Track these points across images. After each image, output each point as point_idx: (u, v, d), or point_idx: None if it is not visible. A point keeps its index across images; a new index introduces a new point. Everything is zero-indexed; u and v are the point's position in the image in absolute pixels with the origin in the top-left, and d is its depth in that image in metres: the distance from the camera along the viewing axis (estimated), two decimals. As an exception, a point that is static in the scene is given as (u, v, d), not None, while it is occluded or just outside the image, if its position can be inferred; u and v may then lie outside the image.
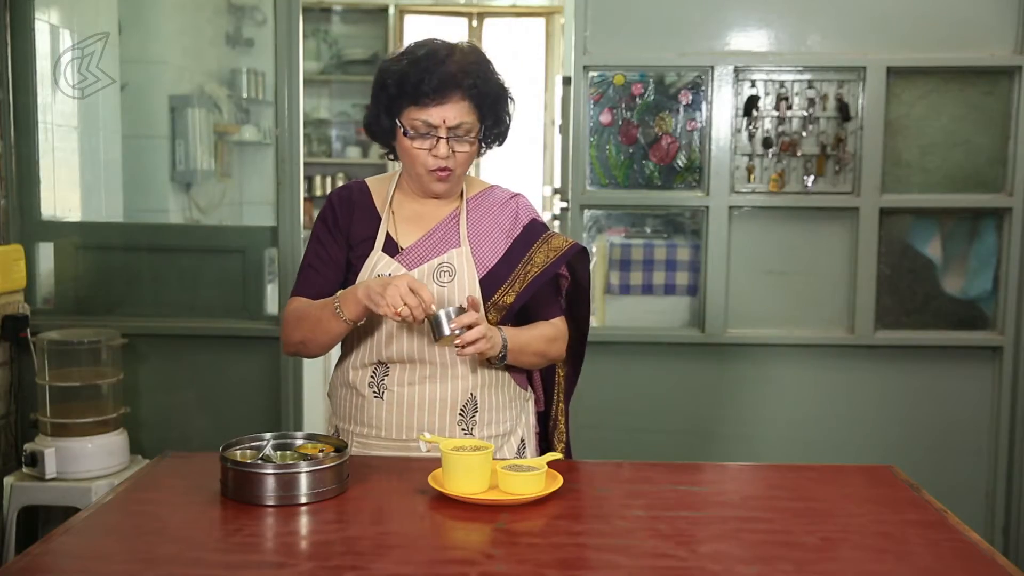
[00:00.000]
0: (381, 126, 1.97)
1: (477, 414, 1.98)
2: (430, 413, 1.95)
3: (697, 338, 3.34)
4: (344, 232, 2.02)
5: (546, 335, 2.01)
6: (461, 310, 1.82)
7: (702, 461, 2.06)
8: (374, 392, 1.98)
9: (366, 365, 1.98)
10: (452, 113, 1.89)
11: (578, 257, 2.05)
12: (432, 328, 1.81)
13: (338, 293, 1.92)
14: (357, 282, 1.96)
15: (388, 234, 2.00)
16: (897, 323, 3.34)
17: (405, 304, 1.76)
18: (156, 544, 1.52)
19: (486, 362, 1.96)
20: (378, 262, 1.97)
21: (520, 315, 2.02)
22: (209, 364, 3.36)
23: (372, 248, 1.98)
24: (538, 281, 1.97)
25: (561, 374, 2.16)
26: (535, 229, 2.04)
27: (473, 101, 1.92)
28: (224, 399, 3.37)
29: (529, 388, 2.12)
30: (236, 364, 3.36)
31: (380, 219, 2.02)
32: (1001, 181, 3.27)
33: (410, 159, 1.95)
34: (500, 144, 2.05)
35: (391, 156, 2.05)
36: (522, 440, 2.07)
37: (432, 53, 1.90)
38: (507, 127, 2.02)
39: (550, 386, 2.16)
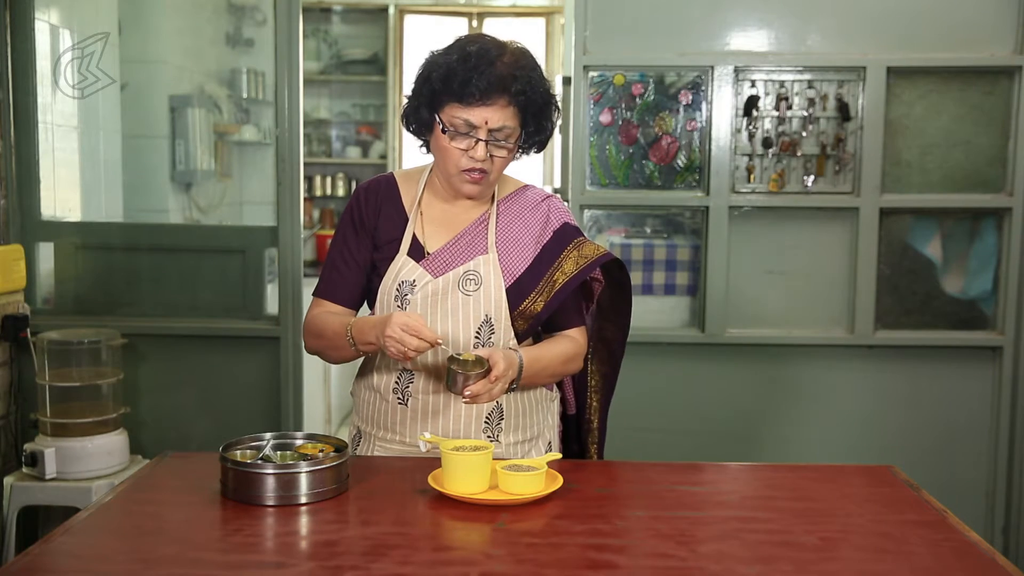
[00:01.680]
0: (420, 118, 1.91)
1: (503, 421, 1.96)
2: (455, 420, 1.93)
3: (697, 338, 3.34)
4: (370, 231, 1.97)
5: (565, 354, 1.97)
6: (479, 361, 1.77)
7: (702, 461, 2.06)
8: (398, 398, 1.95)
9: (391, 371, 1.96)
10: (495, 116, 1.84)
11: (614, 264, 2.01)
12: (448, 380, 1.80)
13: (351, 322, 1.88)
14: (382, 286, 1.93)
15: (415, 236, 1.95)
16: (897, 323, 3.34)
17: (409, 348, 1.75)
18: (156, 544, 1.52)
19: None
20: (403, 266, 1.92)
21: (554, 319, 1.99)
22: (209, 364, 3.36)
23: (398, 251, 1.94)
24: (566, 289, 1.93)
25: (597, 376, 2.13)
26: (566, 234, 1.99)
27: (518, 107, 1.86)
28: (224, 399, 3.37)
29: (555, 388, 2.10)
30: (236, 364, 3.36)
31: (407, 219, 1.97)
32: (1001, 181, 3.27)
33: (444, 157, 1.89)
34: (539, 151, 1.99)
35: (425, 149, 2.00)
36: (549, 443, 2.06)
37: (484, 51, 1.83)
38: (548, 136, 1.96)
39: (583, 388, 2.13)
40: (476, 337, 1.91)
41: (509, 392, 1.91)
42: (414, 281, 1.91)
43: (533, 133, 1.93)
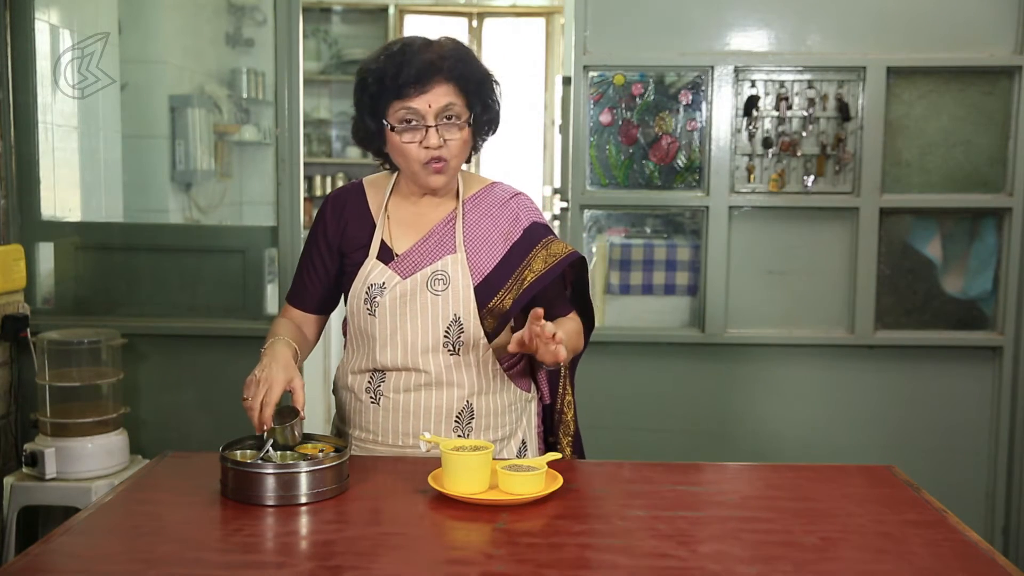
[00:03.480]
0: (368, 130, 1.94)
1: (473, 420, 1.97)
2: (425, 420, 1.95)
3: (697, 338, 3.34)
4: (335, 242, 2.01)
5: (576, 330, 2.00)
6: (293, 411, 1.78)
7: (702, 461, 2.06)
8: (371, 397, 1.97)
9: (363, 371, 1.98)
10: (437, 98, 1.86)
11: (577, 264, 2.03)
12: (277, 438, 1.76)
13: (271, 341, 1.89)
14: (351, 290, 1.96)
15: (383, 241, 1.98)
16: (897, 323, 3.34)
17: (250, 397, 1.77)
18: (156, 544, 1.52)
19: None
20: (372, 270, 1.95)
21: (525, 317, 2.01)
22: (209, 364, 3.36)
23: (367, 256, 1.96)
24: (534, 287, 1.94)
25: (566, 367, 2.13)
26: (535, 233, 2.00)
27: (457, 84, 1.88)
28: (224, 399, 3.36)
29: (533, 389, 2.11)
30: (236, 364, 3.33)
31: (375, 224, 1.99)
32: (1001, 181, 3.27)
33: (403, 156, 1.91)
34: (493, 132, 2.01)
35: (385, 165, 2.02)
36: (523, 442, 2.06)
37: (408, 44, 1.88)
38: (497, 113, 1.98)
39: (555, 379, 2.14)
40: (445, 336, 1.93)
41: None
42: (383, 284, 1.93)
43: (481, 113, 1.94)
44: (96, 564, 1.46)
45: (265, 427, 1.75)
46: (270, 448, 1.77)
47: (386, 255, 1.96)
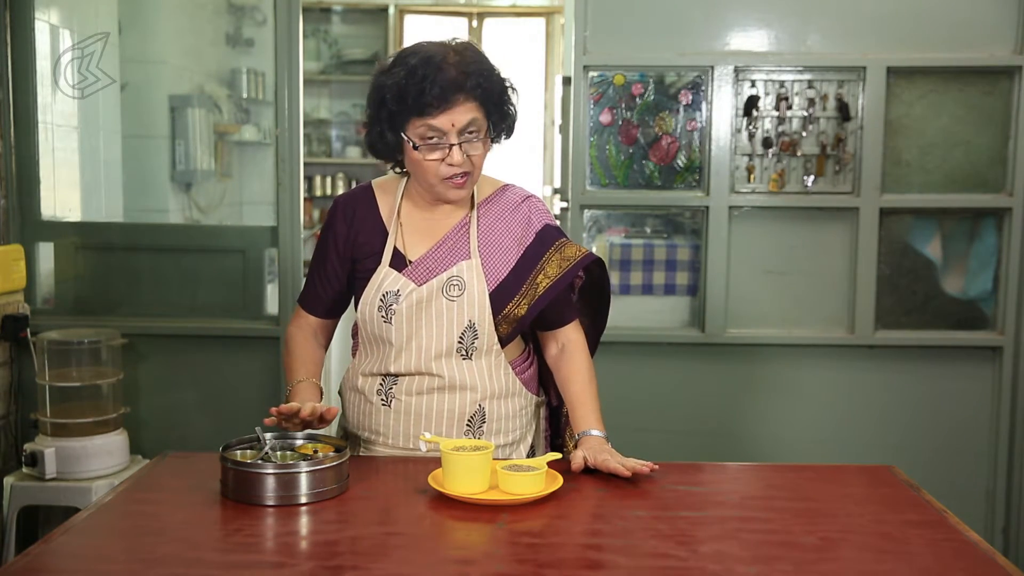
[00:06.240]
0: (386, 143, 1.90)
1: (485, 424, 1.96)
2: (437, 423, 1.94)
3: (697, 338, 3.34)
4: (348, 245, 1.98)
5: (591, 375, 2.04)
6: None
7: (702, 461, 2.06)
8: (382, 400, 1.96)
9: (375, 374, 1.97)
10: (460, 116, 1.83)
11: (595, 264, 2.03)
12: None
13: (294, 383, 1.97)
14: (364, 297, 1.94)
15: (396, 247, 1.96)
16: (897, 323, 3.34)
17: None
18: (156, 544, 1.52)
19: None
20: (385, 277, 1.93)
21: (535, 320, 2.01)
22: (209, 364, 3.36)
23: (379, 263, 1.94)
24: (550, 293, 1.94)
25: None
26: (548, 236, 1.99)
27: (479, 100, 1.85)
28: (224, 399, 3.37)
29: (541, 392, 2.11)
30: (236, 364, 3.36)
31: (387, 231, 1.97)
32: (1001, 181, 3.27)
33: (422, 171, 1.88)
34: (508, 136, 1.98)
35: (398, 169, 2.00)
36: (532, 447, 2.07)
37: (427, 59, 1.82)
38: (514, 119, 1.96)
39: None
40: (459, 342, 1.93)
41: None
42: (398, 291, 1.91)
43: (499, 121, 1.92)
44: (96, 564, 1.46)
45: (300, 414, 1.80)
46: (269, 449, 1.78)
47: (399, 262, 1.94)
